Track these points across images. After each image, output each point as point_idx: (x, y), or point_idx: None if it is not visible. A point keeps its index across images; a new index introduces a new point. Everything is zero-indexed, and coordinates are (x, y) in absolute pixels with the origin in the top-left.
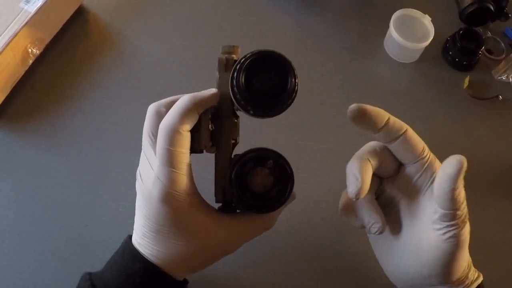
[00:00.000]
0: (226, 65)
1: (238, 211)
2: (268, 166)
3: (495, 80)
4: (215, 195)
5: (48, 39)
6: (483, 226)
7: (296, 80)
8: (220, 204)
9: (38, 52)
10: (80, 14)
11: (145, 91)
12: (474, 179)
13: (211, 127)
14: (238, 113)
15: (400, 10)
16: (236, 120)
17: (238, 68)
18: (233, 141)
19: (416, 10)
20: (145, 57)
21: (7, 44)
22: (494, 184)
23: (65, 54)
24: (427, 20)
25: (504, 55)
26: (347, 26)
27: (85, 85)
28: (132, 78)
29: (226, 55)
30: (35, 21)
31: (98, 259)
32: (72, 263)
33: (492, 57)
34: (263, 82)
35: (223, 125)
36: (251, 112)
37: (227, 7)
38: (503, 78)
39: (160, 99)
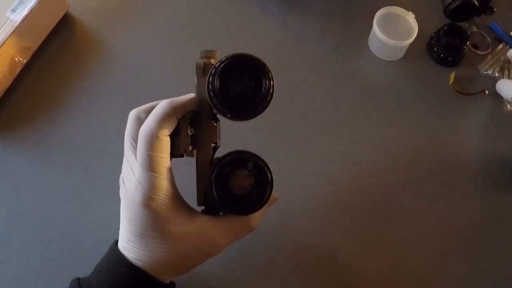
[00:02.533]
0: (203, 69)
1: (221, 213)
2: (248, 168)
3: (481, 75)
4: (197, 198)
5: (34, 48)
6: (470, 220)
7: (271, 83)
8: (203, 207)
9: (25, 61)
10: (65, 21)
11: (132, 96)
12: (461, 174)
13: (190, 131)
14: (219, 116)
15: (383, 8)
16: (215, 124)
17: (213, 72)
18: (213, 145)
19: (399, 8)
20: (130, 62)
21: None
22: (482, 179)
23: (52, 62)
24: (410, 17)
25: (490, 50)
26: (331, 26)
27: (73, 92)
28: (118, 83)
29: (204, 60)
30: (21, 30)
31: (88, 265)
32: (63, 269)
33: (477, 52)
34: (238, 85)
35: (203, 129)
36: (228, 115)
37: (211, 11)
38: (489, 73)
39: (144, 103)
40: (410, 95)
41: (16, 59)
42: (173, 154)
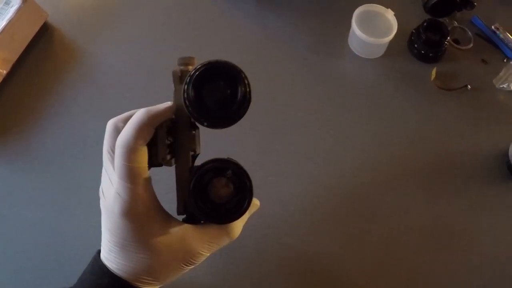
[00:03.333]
0: (180, 77)
1: (202, 222)
2: (227, 176)
3: (463, 70)
4: (177, 208)
5: (14, 59)
6: (456, 215)
7: (248, 89)
8: (184, 216)
9: (5, 72)
10: (44, 31)
11: (112, 104)
12: (445, 169)
13: (168, 140)
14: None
15: (362, 6)
16: (194, 132)
17: (188, 81)
18: (192, 153)
19: (378, 5)
20: (110, 70)
21: None
22: (466, 173)
23: (32, 72)
24: (390, 14)
25: (471, 45)
26: (310, 26)
27: (54, 101)
28: (98, 91)
29: (182, 67)
30: (0, 41)
31: (72, 274)
32: (46, 279)
33: (459, 47)
34: (214, 93)
35: (181, 137)
36: (205, 124)
37: (189, 17)
38: (505, 86)
39: (125, 111)
40: (392, 93)
41: None
42: (151, 164)
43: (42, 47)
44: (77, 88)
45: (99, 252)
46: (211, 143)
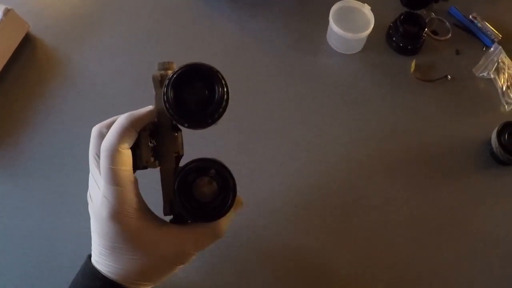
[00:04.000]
0: (160, 81)
1: (189, 222)
2: (211, 175)
3: (442, 60)
4: (163, 208)
5: None
6: (440, 205)
7: (225, 89)
8: (171, 217)
9: None
10: (27, 42)
11: (96, 111)
12: (429, 160)
13: (151, 143)
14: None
15: (338, 3)
16: (176, 134)
17: (167, 83)
18: (175, 154)
19: (354, 1)
20: (94, 77)
21: None
22: (448, 164)
23: (16, 83)
24: (366, 9)
25: (450, 35)
26: (289, 25)
27: (39, 111)
28: (82, 99)
29: (162, 72)
30: None
31: (64, 281)
32: (38, 286)
33: (437, 38)
34: (193, 94)
35: (163, 139)
36: (186, 125)
37: (169, 21)
38: (485, 75)
39: (111, 117)
40: (372, 87)
41: None
42: (136, 166)
43: (25, 58)
44: (61, 96)
45: (89, 256)
46: (194, 145)
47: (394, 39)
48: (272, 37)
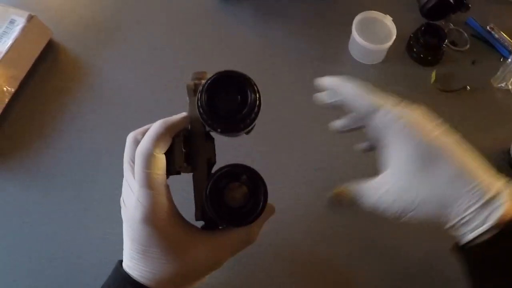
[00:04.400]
0: (194, 90)
1: (220, 227)
2: (242, 181)
3: (461, 71)
4: (195, 214)
5: (21, 76)
6: None
7: (257, 95)
8: (203, 223)
9: (13, 90)
10: (50, 48)
11: (119, 119)
12: None
13: (184, 149)
14: (213, 134)
15: (361, 13)
16: (209, 141)
17: (201, 90)
18: (208, 161)
19: (377, 12)
20: (116, 84)
21: None
22: None
23: (40, 89)
24: (388, 21)
25: (468, 46)
26: (311, 34)
27: (62, 117)
28: (105, 106)
29: (195, 81)
30: (7, 60)
31: (91, 286)
32: None
33: (456, 48)
34: (226, 100)
35: (197, 146)
36: (219, 130)
37: (191, 29)
38: (503, 86)
39: (134, 125)
40: (393, 97)
41: (4, 88)
42: (169, 172)
43: (48, 64)
44: (84, 103)
45: (120, 262)
46: (225, 154)
47: (414, 49)
48: (294, 46)
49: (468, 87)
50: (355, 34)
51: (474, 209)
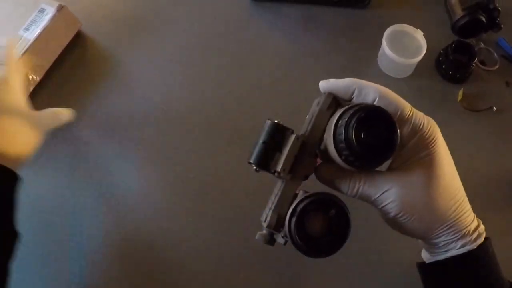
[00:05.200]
0: (330, 103)
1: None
2: (330, 214)
3: (489, 91)
4: (270, 219)
5: (47, 66)
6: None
7: (398, 134)
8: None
9: (38, 78)
10: (78, 39)
11: (142, 112)
12: (470, 191)
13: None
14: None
15: (392, 26)
16: (315, 157)
17: (346, 125)
18: (305, 177)
19: (408, 26)
20: (141, 79)
21: None
22: (491, 195)
23: (66, 79)
24: (419, 35)
25: (497, 66)
26: (341, 44)
27: (85, 110)
28: (130, 99)
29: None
30: (34, 48)
31: None
32: None
33: (485, 68)
34: (373, 136)
35: (304, 158)
36: (356, 164)
37: (222, 32)
38: None
39: (155, 119)
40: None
41: (30, 77)
42: (266, 167)
43: (75, 55)
44: (109, 97)
45: None
46: None
47: (443, 66)
48: (324, 54)
49: (494, 107)
50: (385, 46)
51: (450, 239)
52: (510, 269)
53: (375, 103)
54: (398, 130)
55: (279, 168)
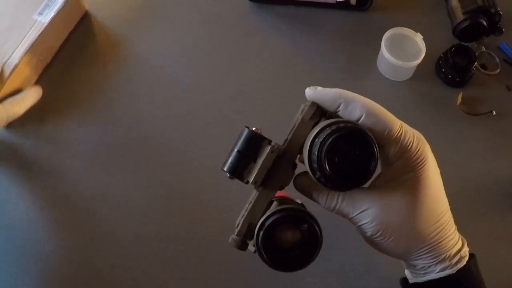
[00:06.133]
0: (313, 114)
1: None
2: (301, 228)
3: (489, 95)
4: (240, 227)
5: (57, 47)
6: (477, 241)
7: (377, 157)
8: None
9: (48, 59)
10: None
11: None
12: (468, 195)
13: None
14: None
15: (391, 29)
16: (293, 169)
17: (321, 145)
18: (281, 187)
19: (407, 29)
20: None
21: (23, 56)
22: (488, 199)
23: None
24: (418, 38)
25: (498, 70)
26: (340, 47)
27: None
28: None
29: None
30: (47, 31)
31: None
32: None
33: (486, 72)
34: (348, 161)
35: (280, 169)
36: (328, 185)
37: (221, 30)
38: None
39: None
40: (418, 115)
41: (40, 57)
42: (239, 176)
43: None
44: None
45: None
46: None
47: (443, 70)
48: (322, 56)
49: (494, 112)
50: (384, 49)
51: (428, 263)
52: (509, 272)
53: (361, 120)
54: (378, 156)
55: (251, 179)
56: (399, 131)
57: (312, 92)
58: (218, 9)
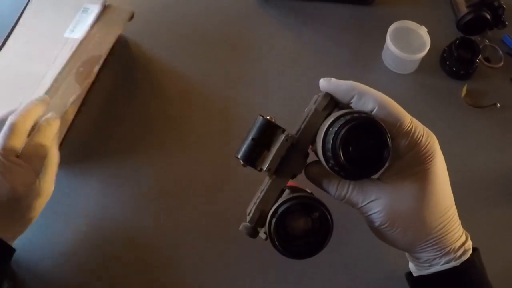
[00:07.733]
0: (327, 105)
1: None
2: (313, 217)
3: (493, 88)
4: (252, 214)
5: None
6: (481, 233)
7: (389, 138)
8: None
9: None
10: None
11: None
12: (472, 187)
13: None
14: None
15: (396, 22)
16: (305, 158)
17: (336, 134)
18: (293, 176)
19: (412, 22)
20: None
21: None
22: (493, 191)
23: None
24: (423, 31)
25: (502, 63)
26: (345, 40)
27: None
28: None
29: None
30: (82, 47)
31: None
32: None
33: (490, 65)
34: (362, 151)
35: (293, 157)
36: (342, 174)
37: (228, 27)
38: None
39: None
40: (422, 108)
41: (81, 69)
42: (253, 163)
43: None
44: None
45: None
46: None
47: (447, 62)
48: (328, 50)
49: (498, 104)
50: (389, 42)
51: (433, 256)
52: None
53: (373, 112)
54: (390, 146)
55: (265, 167)
56: (410, 125)
57: (326, 83)
58: (224, 4)
